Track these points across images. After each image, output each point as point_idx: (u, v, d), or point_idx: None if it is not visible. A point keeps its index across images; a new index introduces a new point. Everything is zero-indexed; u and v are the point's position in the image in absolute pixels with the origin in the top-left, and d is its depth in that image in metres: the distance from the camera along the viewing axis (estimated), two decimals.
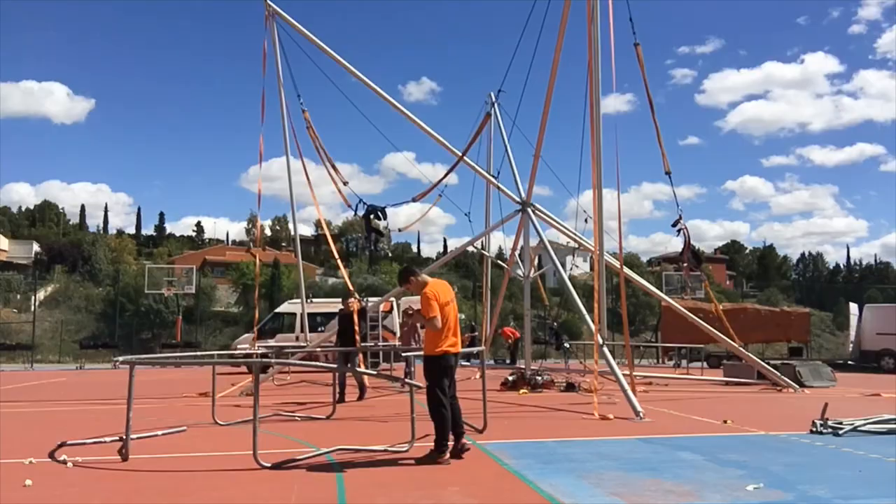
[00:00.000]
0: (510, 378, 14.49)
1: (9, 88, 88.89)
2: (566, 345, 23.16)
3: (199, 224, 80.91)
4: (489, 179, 17.04)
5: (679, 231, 12.76)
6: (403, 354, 13.40)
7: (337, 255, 16.72)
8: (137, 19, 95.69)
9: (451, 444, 6.40)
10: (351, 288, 14.63)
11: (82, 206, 74.20)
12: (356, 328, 12.27)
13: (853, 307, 28.06)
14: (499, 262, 22.82)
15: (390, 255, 65.25)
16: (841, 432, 7.86)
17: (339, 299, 15.39)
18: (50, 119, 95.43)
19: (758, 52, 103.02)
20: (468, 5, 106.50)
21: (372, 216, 14.95)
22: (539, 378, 14.24)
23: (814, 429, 8.08)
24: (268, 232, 72.92)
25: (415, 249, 75.78)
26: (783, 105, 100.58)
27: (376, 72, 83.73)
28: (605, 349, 11.21)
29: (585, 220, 13.99)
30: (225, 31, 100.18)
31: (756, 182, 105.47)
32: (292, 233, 18.80)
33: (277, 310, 24.25)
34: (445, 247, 74.38)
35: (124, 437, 6.60)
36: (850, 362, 26.54)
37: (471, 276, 39.84)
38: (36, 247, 52.04)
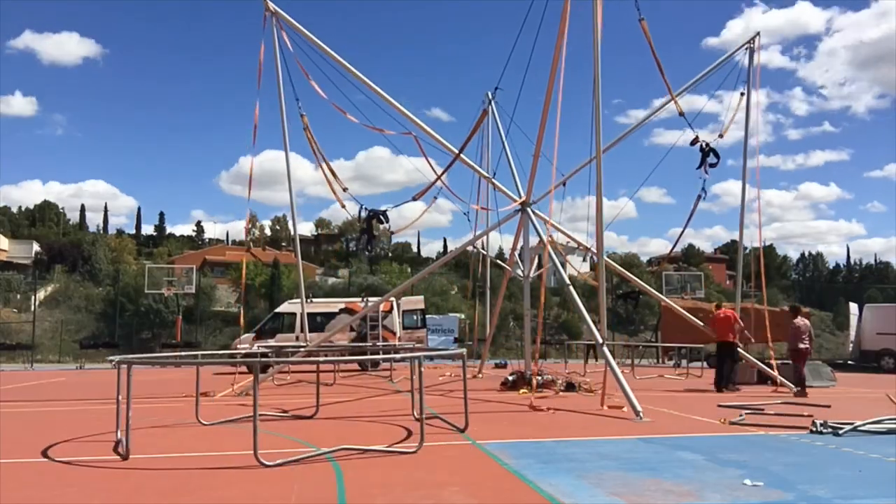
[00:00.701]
0: (510, 378, 14.50)
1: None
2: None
3: (199, 224, 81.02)
4: (487, 178, 17.05)
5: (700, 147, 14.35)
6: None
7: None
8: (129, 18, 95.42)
9: None
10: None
11: (82, 206, 74.13)
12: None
13: (853, 307, 28.05)
14: (498, 261, 22.82)
15: (390, 255, 65.26)
16: (841, 432, 7.86)
17: (339, 299, 15.35)
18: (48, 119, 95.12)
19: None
20: (468, 5, 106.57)
21: (374, 220, 14.97)
22: (539, 378, 14.22)
23: (814, 429, 8.09)
24: (267, 232, 72.98)
25: (415, 249, 75.85)
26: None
27: (376, 72, 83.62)
28: (606, 349, 11.19)
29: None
30: (224, 31, 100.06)
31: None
32: (292, 233, 18.81)
33: (277, 310, 24.25)
34: (445, 247, 74.44)
35: (123, 436, 6.60)
36: (850, 362, 26.54)
37: (470, 276, 39.85)
38: (36, 247, 52.02)
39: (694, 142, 14.35)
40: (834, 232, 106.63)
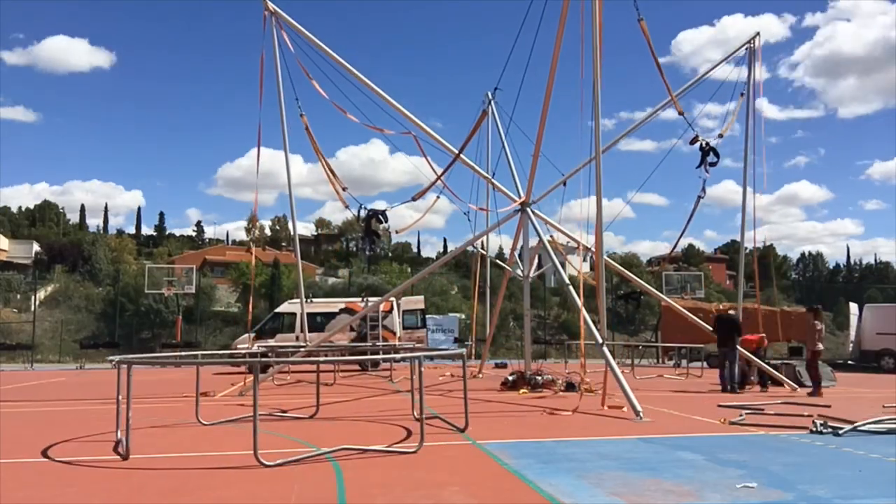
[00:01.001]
0: (510, 378, 14.51)
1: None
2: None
3: (199, 224, 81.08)
4: (487, 178, 17.05)
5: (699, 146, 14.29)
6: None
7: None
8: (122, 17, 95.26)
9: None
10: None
11: (82, 206, 74.19)
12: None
13: (853, 307, 28.05)
14: (498, 261, 22.82)
15: (390, 255, 65.26)
16: (841, 432, 7.86)
17: (339, 299, 15.35)
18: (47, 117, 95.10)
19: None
20: (468, 5, 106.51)
21: (373, 220, 14.99)
22: (539, 378, 14.25)
23: (814, 429, 8.08)
24: (267, 232, 72.99)
25: (415, 250, 75.86)
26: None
27: (375, 73, 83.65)
28: (606, 348, 11.18)
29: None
30: (223, 31, 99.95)
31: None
32: (292, 233, 18.80)
33: (277, 310, 24.26)
34: (445, 247, 74.46)
35: (123, 436, 6.60)
36: (850, 362, 26.55)
37: (471, 276, 39.85)
38: (36, 247, 52.03)
39: (693, 141, 14.32)
40: (821, 232, 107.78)
